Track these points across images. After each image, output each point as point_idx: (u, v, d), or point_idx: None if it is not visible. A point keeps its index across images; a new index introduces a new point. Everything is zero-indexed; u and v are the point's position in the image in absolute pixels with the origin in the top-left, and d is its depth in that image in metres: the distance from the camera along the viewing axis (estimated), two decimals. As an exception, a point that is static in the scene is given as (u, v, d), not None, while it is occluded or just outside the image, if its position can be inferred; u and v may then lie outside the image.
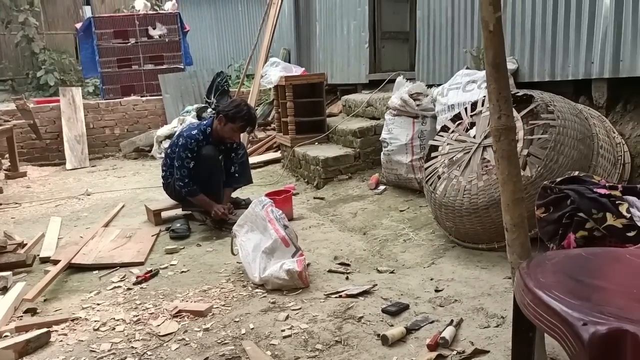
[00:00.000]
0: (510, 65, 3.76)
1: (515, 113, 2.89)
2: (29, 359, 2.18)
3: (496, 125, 1.79)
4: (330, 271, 2.97)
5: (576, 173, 2.22)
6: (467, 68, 4.17)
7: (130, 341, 2.28)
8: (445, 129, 3.45)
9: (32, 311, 2.66)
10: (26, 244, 3.68)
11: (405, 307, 2.41)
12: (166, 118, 8.59)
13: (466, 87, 3.82)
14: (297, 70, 6.38)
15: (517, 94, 3.11)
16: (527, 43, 3.77)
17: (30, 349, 2.24)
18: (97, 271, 3.20)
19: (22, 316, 2.63)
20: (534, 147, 2.81)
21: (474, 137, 3.17)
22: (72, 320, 2.51)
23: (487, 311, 2.30)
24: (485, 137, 3.04)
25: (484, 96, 3.35)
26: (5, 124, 6.59)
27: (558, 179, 2.15)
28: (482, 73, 3.79)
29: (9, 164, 6.95)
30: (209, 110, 7.94)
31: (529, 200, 2.48)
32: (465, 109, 3.41)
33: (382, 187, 4.47)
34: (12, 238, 3.78)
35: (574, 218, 1.95)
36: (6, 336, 2.37)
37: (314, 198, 4.69)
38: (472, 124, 3.28)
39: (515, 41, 3.87)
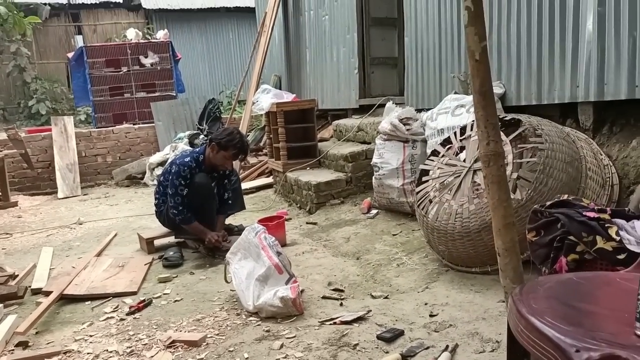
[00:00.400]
0: (498, 90, 3.83)
1: (503, 137, 2.93)
2: (20, 394, 2.15)
3: (485, 151, 1.82)
4: (324, 297, 2.96)
5: (565, 196, 2.25)
6: (456, 92, 4.24)
7: (124, 374, 2.26)
8: (435, 153, 3.49)
9: (24, 344, 2.63)
10: (17, 275, 3.65)
11: (400, 333, 2.40)
12: (158, 145, 8.62)
13: (455, 112, 3.87)
14: (288, 97, 6.44)
15: (505, 118, 3.16)
16: (514, 67, 3.85)
17: (22, 384, 2.21)
18: (89, 302, 3.17)
19: (13, 349, 2.59)
20: (523, 171, 2.85)
21: (464, 161, 3.21)
22: (65, 353, 2.48)
23: (482, 336, 2.30)
24: (475, 161, 3.08)
25: (473, 120, 3.40)
26: (-3, 154, 6.57)
27: (548, 203, 2.18)
28: (470, 97, 3.85)
29: (0, 193, 6.91)
30: (201, 137, 7.98)
31: (520, 223, 2.51)
32: (455, 133, 3.45)
33: (374, 211, 4.49)
34: (4, 270, 3.75)
35: (564, 241, 1.97)
36: (-3, 371, 2.34)
37: (307, 223, 4.70)
38: (462, 148, 3.32)
39: (502, 66, 3.95)
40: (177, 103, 9.20)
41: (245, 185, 6.12)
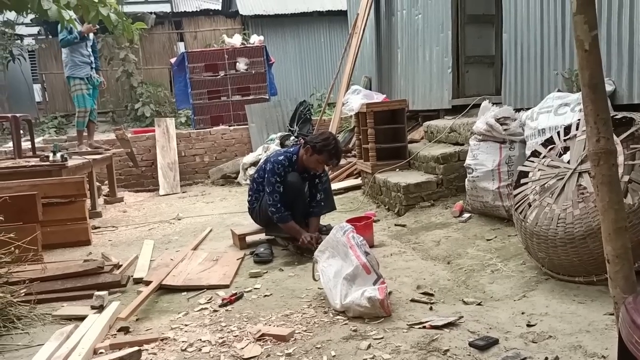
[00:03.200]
0: (607, 87, 3.54)
1: (614, 137, 2.70)
2: (122, 376, 2.28)
3: (595, 149, 1.68)
4: (412, 300, 2.89)
5: (687, 201, 2.03)
6: (559, 90, 3.98)
7: (215, 363, 2.33)
8: (535, 154, 3.30)
9: (125, 330, 2.79)
10: (121, 265, 3.90)
11: (495, 342, 2.28)
12: (251, 146, 8.91)
13: (558, 111, 3.64)
14: (378, 97, 6.39)
15: (616, 117, 2.92)
16: (625, 63, 3.55)
17: (123, 366, 2.34)
18: (185, 292, 3.32)
19: (115, 334, 2.76)
20: (636, 173, 2.61)
21: (568, 162, 3.00)
22: (162, 340, 2.60)
23: (586, 349, 2.13)
24: (581, 163, 2.86)
25: (579, 119, 3.17)
26: (106, 153, 7.10)
27: (666, 207, 1.97)
28: (576, 95, 3.60)
29: (108, 189, 7.46)
30: (292, 138, 8.14)
31: (632, 229, 2.30)
32: (558, 132, 3.24)
33: (466, 215, 4.33)
34: (109, 259, 4.02)
35: (686, 250, 1.77)
36: (101, 353, 2.51)
37: (395, 225, 4.62)
38: (566, 149, 3.11)
39: (612, 61, 3.65)
40: (270, 105, 9.45)
41: (333, 186, 6.13)
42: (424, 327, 2.50)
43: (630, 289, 1.64)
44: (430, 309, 2.76)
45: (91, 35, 7.26)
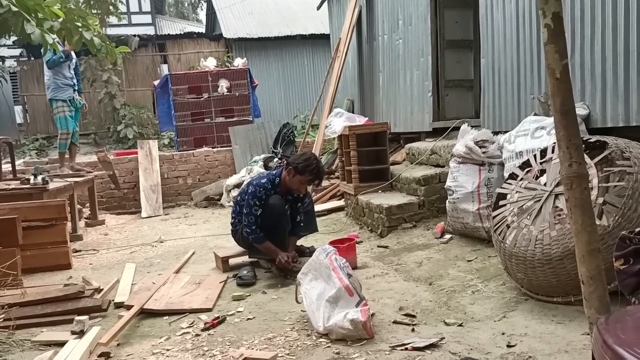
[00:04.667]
0: (581, 111, 3.66)
1: (588, 160, 2.79)
2: (102, 402, 2.25)
3: (567, 173, 1.74)
4: (395, 322, 2.91)
5: (658, 222, 2.10)
6: (535, 114, 4.08)
7: (197, 388, 2.31)
8: (513, 176, 3.37)
9: (106, 355, 2.76)
10: (102, 290, 3.86)
11: (476, 363, 2.31)
12: (235, 168, 8.92)
13: (534, 134, 3.73)
14: (360, 120, 6.47)
15: (590, 140, 3.01)
16: (599, 88, 3.67)
17: (104, 393, 2.31)
18: (167, 317, 3.30)
19: None
20: (610, 195, 2.69)
21: (545, 184, 3.07)
22: (143, 365, 2.58)
23: (565, 369, 2.17)
24: (557, 185, 2.94)
25: (554, 143, 3.26)
26: (88, 175, 7.05)
27: (638, 229, 2.03)
28: (551, 119, 3.67)
29: (89, 212, 7.39)
30: (275, 159, 8.17)
31: (606, 251, 2.35)
32: (535, 155, 3.32)
33: (448, 236, 4.38)
34: (90, 283, 3.98)
35: (657, 270, 1.83)
36: (82, 378, 2.47)
37: (378, 247, 4.65)
38: (542, 171, 3.19)
39: (586, 86, 3.78)
40: (254, 127, 9.50)
41: (316, 207, 6.16)
42: (406, 349, 2.52)
43: (604, 310, 1.69)
44: (413, 330, 2.78)
45: (74, 58, 7.27)
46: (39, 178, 5.36)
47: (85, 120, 12.30)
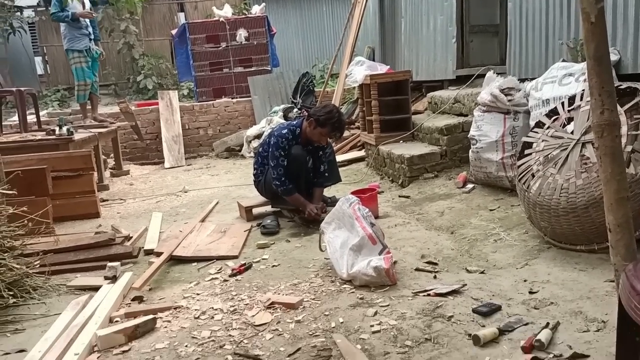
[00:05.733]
0: (612, 57, 3.54)
1: (618, 107, 2.72)
2: (138, 343, 2.36)
3: (598, 121, 1.72)
4: (417, 270, 2.96)
5: (689, 171, 2.07)
6: (564, 60, 3.98)
7: (228, 329, 2.41)
8: (539, 124, 3.32)
9: (139, 299, 2.88)
10: (131, 237, 3.98)
11: (497, 308, 2.35)
12: (254, 118, 8.91)
13: (562, 81, 3.64)
14: (382, 68, 6.37)
15: (620, 87, 2.93)
16: (631, 32, 3.53)
17: (139, 334, 2.42)
18: (195, 263, 3.41)
19: (130, 303, 2.85)
20: (639, 143, 2.64)
21: (572, 133, 3.03)
22: (175, 308, 2.69)
23: (587, 315, 2.20)
24: (585, 133, 2.89)
25: (583, 90, 3.19)
26: (111, 126, 7.13)
27: (667, 177, 2.01)
28: (580, 65, 3.60)
29: (114, 162, 7.52)
30: (295, 110, 8.13)
31: (634, 199, 2.35)
32: (562, 103, 3.26)
33: (470, 186, 4.37)
34: (119, 231, 4.10)
35: (686, 219, 1.82)
36: (117, 321, 2.59)
37: (399, 197, 4.68)
38: (570, 119, 3.13)
39: (617, 31, 3.64)
40: (272, 77, 9.42)
41: (337, 158, 6.17)
42: (429, 295, 2.58)
43: (630, 257, 1.70)
44: (435, 277, 2.83)
45: (88, 5, 7.19)
46: (64, 129, 5.44)
47: (104, 70, 12.31)
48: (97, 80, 7.63)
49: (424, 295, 2.59)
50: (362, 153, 6.57)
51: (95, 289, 3.01)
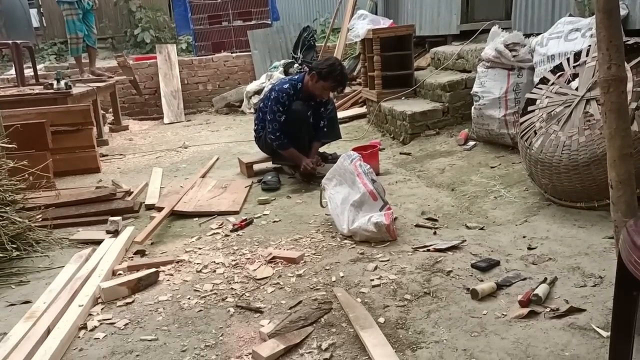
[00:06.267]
0: (621, 12, 3.45)
1: (625, 63, 2.68)
2: (141, 295, 2.40)
3: (605, 76, 1.69)
4: (417, 226, 2.98)
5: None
6: (570, 15, 3.88)
7: (230, 283, 2.45)
8: (544, 81, 3.27)
9: (141, 253, 2.91)
10: (132, 192, 3.99)
11: (496, 264, 2.38)
12: (255, 74, 8.79)
13: (568, 36, 3.57)
14: (384, 23, 6.24)
15: (628, 43, 2.87)
16: (642, -14, 3.44)
17: (142, 287, 2.46)
18: (197, 218, 3.43)
19: (132, 257, 2.89)
20: (644, 100, 2.61)
21: (577, 89, 2.99)
22: (177, 262, 2.72)
23: (584, 270, 2.23)
24: (590, 90, 2.86)
25: (589, 45, 3.13)
26: (109, 80, 7.03)
27: (672, 134, 2.00)
28: (587, 20, 3.52)
29: (113, 118, 7.46)
30: (296, 65, 8.01)
31: (636, 156, 2.33)
32: (568, 59, 3.20)
33: (471, 143, 4.35)
34: (120, 186, 4.11)
35: (688, 176, 1.82)
36: (120, 274, 2.63)
37: (400, 154, 4.67)
38: (575, 76, 3.08)
39: (627, -16, 3.54)
40: (273, 31, 9.23)
41: (338, 114, 6.11)
42: (429, 250, 2.61)
43: (631, 214, 1.70)
44: (435, 233, 2.85)
45: None
46: (62, 83, 5.37)
47: (101, 24, 12.05)
48: (96, 33, 7.47)
49: (424, 251, 2.61)
50: (363, 110, 6.52)
51: (98, 242, 3.04)
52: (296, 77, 4.16)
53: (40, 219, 3.25)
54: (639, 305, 1.38)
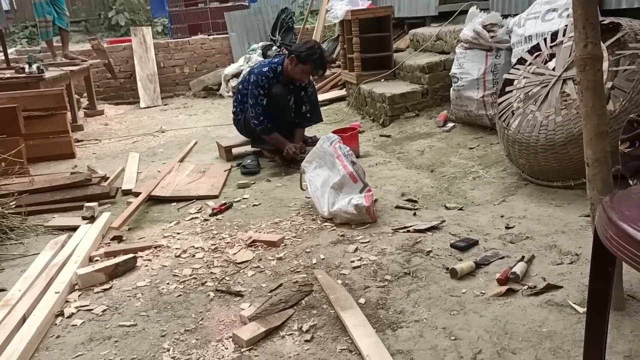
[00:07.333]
0: (597, -9, 3.47)
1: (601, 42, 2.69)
2: (119, 281, 2.37)
3: (581, 54, 1.69)
4: (397, 207, 2.99)
5: (667, 106, 2.08)
6: (547, -4, 3.89)
7: (210, 267, 2.43)
8: (521, 61, 3.29)
9: (119, 238, 2.87)
10: (108, 177, 3.92)
11: (475, 243, 2.40)
12: (232, 57, 8.68)
13: (545, 17, 3.58)
14: (363, 4, 6.18)
15: (603, 22, 2.89)
16: (617, -35, 3.45)
17: (119, 272, 2.42)
18: (175, 203, 3.38)
19: (109, 243, 2.84)
20: (619, 80, 2.64)
21: (554, 69, 3.00)
22: (156, 247, 2.69)
23: (561, 248, 2.26)
24: (566, 70, 2.87)
25: (566, 25, 3.14)
26: (83, 64, 6.87)
27: (646, 113, 2.02)
28: (564, 1, 3.53)
29: (88, 102, 7.31)
30: (274, 48, 7.92)
31: (611, 135, 2.35)
32: (545, 39, 3.21)
33: (450, 125, 4.37)
34: (96, 172, 4.04)
35: (662, 153, 1.84)
36: (97, 260, 2.59)
37: (380, 136, 4.66)
38: (552, 56, 3.10)
39: (603, -36, 3.55)
40: (250, 13, 9.10)
41: (318, 97, 6.08)
42: (408, 231, 2.62)
43: (606, 191, 1.72)
44: (414, 214, 2.86)
45: None
46: (34, 67, 5.23)
47: (74, 6, 11.76)
48: (68, 15, 7.27)
49: (404, 232, 2.62)
50: (343, 92, 6.49)
51: (73, 229, 2.98)
52: (275, 60, 4.10)
53: (14, 206, 3.18)
54: (614, 281, 1.40)
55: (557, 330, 1.73)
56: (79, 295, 2.27)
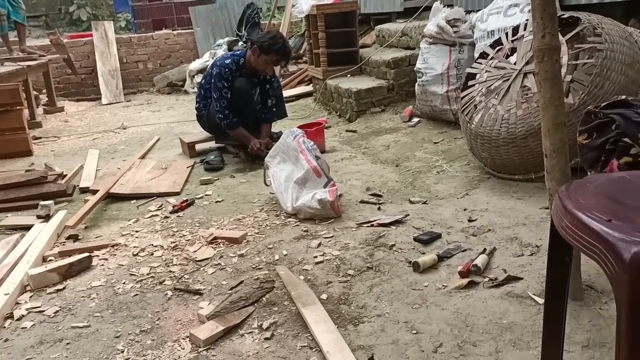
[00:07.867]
0: (556, -14, 3.52)
1: (560, 37, 2.72)
2: (73, 282, 2.28)
3: (539, 45, 1.69)
4: (362, 202, 2.97)
5: (624, 97, 2.10)
6: (509, -9, 3.92)
7: (169, 265, 2.36)
8: (483, 55, 3.30)
9: (74, 237, 2.77)
10: (66, 175, 3.80)
11: (438, 236, 2.40)
12: (197, 52, 8.53)
13: (507, 12, 3.61)
14: (329, -1, 6.15)
15: (563, 16, 2.92)
16: (576, -39, 3.51)
17: (74, 272, 2.33)
18: (134, 200, 3.29)
19: (64, 242, 2.74)
20: (578, 73, 2.67)
21: (515, 63, 3.03)
22: (112, 246, 2.60)
23: (522, 240, 2.27)
24: (527, 63, 2.90)
25: (527, 20, 3.17)
26: (41, 59, 6.64)
27: (603, 104, 2.04)
28: (526, -4, 3.57)
29: (47, 99, 7.08)
30: (240, 43, 7.82)
31: (570, 128, 2.38)
32: (506, 33, 3.24)
33: (415, 120, 4.37)
34: (52, 169, 3.90)
35: (618, 144, 1.85)
36: (50, 260, 2.49)
37: (346, 131, 4.64)
38: (513, 50, 3.12)
39: (563, -40, 3.61)
40: (216, 8, 8.96)
41: (284, 93, 6.02)
42: (372, 226, 2.60)
43: (564, 181, 1.73)
44: (379, 209, 2.85)
45: None
46: (-13, 61, 5.03)
47: (33, 0, 11.39)
48: (24, 8, 7.00)
49: (368, 226, 2.60)
50: (309, 88, 6.44)
51: (27, 228, 2.87)
52: (238, 52, 4.03)
53: (-37, 205, 3.04)
54: (572, 271, 1.40)
55: (517, 321, 1.73)
56: (30, 297, 2.17)
